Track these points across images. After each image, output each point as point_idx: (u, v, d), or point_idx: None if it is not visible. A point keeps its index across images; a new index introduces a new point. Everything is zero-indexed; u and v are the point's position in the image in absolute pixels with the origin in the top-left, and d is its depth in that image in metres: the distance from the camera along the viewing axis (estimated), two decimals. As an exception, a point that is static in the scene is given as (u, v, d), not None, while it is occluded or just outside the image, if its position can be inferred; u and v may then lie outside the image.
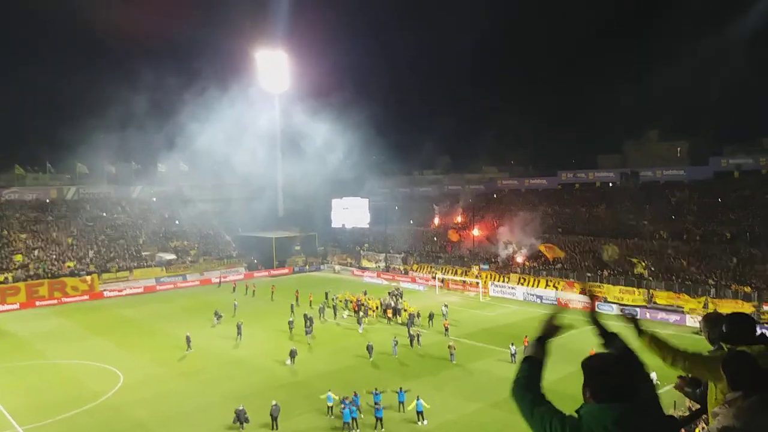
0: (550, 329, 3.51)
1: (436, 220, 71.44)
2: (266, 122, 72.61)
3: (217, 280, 61.73)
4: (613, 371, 3.04)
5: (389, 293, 48.19)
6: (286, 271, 68.98)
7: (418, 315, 41.17)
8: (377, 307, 44.41)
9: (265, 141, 71.39)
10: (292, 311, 42.25)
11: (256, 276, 65.24)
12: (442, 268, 59.46)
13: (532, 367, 3.28)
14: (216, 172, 73.86)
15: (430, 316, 41.06)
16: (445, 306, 43.90)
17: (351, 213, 71.94)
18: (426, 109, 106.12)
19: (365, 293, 48.46)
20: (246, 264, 67.60)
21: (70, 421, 25.14)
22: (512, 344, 32.97)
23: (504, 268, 54.81)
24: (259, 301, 51.61)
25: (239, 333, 38.04)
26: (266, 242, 70.12)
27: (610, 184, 65.08)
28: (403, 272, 63.10)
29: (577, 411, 3.05)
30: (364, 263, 69.00)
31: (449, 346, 33.23)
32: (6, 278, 51.77)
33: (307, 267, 70.38)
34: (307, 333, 37.10)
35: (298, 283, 60.33)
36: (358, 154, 73.76)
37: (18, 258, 55.30)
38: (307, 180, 69.41)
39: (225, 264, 66.00)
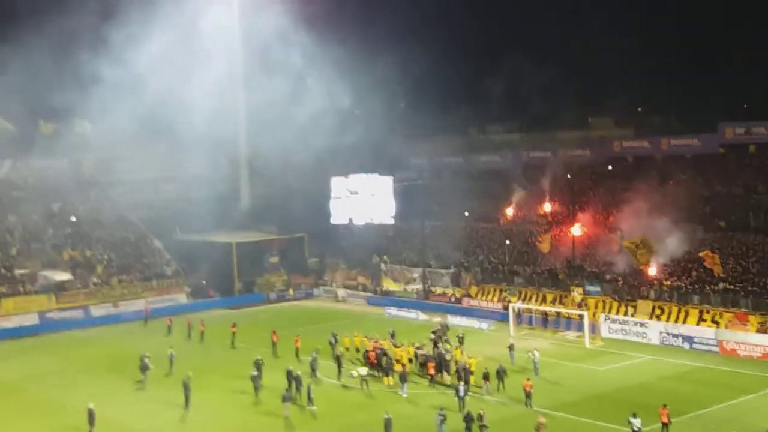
0: None
1: (510, 211, 71.17)
2: (217, 46, 72.63)
3: (143, 314, 62.22)
4: None
5: (433, 332, 48.19)
6: (256, 298, 69.02)
7: (470, 371, 40.98)
8: (410, 360, 44.51)
9: (217, 80, 71.55)
10: (257, 369, 42.21)
11: (207, 307, 65.35)
12: (520, 292, 59.18)
13: None
14: (137, 134, 73.94)
15: (500, 374, 41.04)
16: (535, 353, 44.11)
17: (363, 200, 71.74)
18: (492, 20, 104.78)
19: (393, 335, 48.59)
20: (189, 288, 68.07)
21: None
22: (634, 416, 33.01)
23: (627, 289, 54.18)
24: (213, 349, 51.58)
25: (186, 399, 38.38)
26: (222, 252, 70.40)
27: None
28: (453, 299, 62.96)
29: None
30: (388, 285, 68.99)
31: (538, 426, 33.10)
32: None
33: (292, 292, 70.74)
34: (285, 401, 37.39)
35: (276, 319, 60.11)
36: (375, 98, 73.55)
37: None
38: (290, 145, 69.48)
39: (154, 288, 66.68)
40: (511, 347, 46.06)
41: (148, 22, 66.66)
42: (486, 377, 40.69)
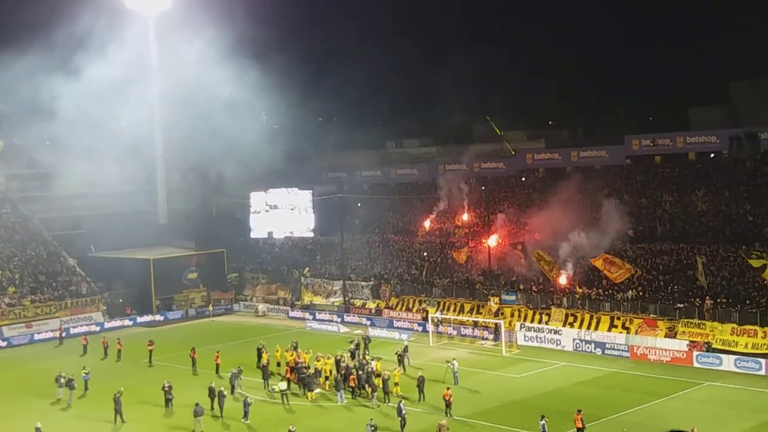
0: None
1: (427, 223, 71.58)
2: (135, 63, 71.76)
3: (57, 335, 60.86)
4: None
5: (350, 342, 48.56)
6: (175, 315, 68.35)
7: (395, 383, 41.61)
8: (331, 372, 44.26)
9: (134, 95, 70.84)
10: (168, 394, 41.57)
11: (123, 325, 64.71)
12: (439, 302, 59.43)
13: None
14: (51, 151, 73.25)
15: (420, 384, 41.29)
16: (453, 363, 44.34)
17: (283, 214, 71.29)
18: (407, 34, 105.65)
19: (295, 347, 47.85)
20: (105, 306, 66.88)
21: None
22: (544, 417, 33.58)
23: (540, 298, 54.95)
24: (129, 368, 50.85)
25: (117, 412, 38.57)
26: (139, 268, 69.51)
27: (712, 155, 65.80)
28: (373, 311, 63.04)
29: None
30: (308, 298, 68.72)
31: (439, 428, 33.60)
32: None
33: (211, 308, 70.13)
34: (197, 415, 37.11)
35: (195, 336, 59.47)
36: (294, 114, 73.41)
37: None
38: (208, 160, 68.78)
39: (69, 307, 65.09)
40: (405, 350, 46.76)
41: (63, 39, 66.10)
42: (419, 385, 40.96)
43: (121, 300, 68.40)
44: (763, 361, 43.90)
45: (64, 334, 60.66)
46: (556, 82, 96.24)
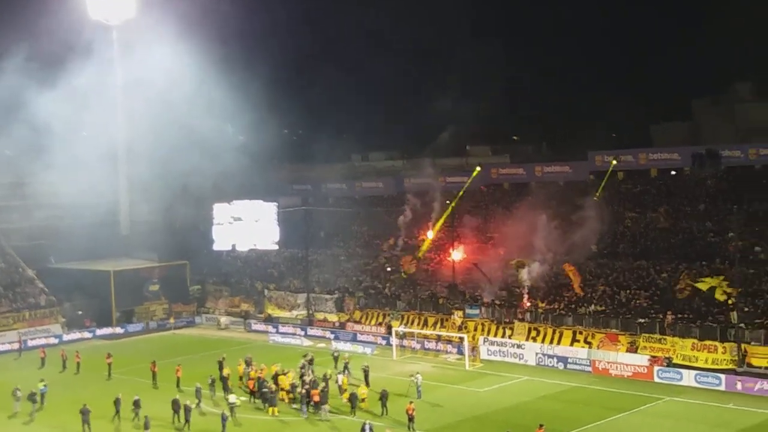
0: None
1: (392, 236, 71.48)
2: (98, 72, 71.10)
3: (15, 347, 60.01)
4: None
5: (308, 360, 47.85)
6: (135, 328, 67.72)
7: (360, 399, 41.55)
8: (293, 387, 43.78)
9: (94, 103, 70.13)
10: (116, 411, 40.96)
11: (83, 338, 63.95)
12: (402, 316, 59.37)
13: None
14: (10, 161, 72.28)
15: (383, 398, 41.16)
16: (417, 376, 44.38)
17: (247, 227, 70.57)
18: (373, 48, 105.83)
19: (248, 362, 47.48)
20: (65, 318, 66.11)
21: None
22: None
23: (504, 312, 55.15)
24: (87, 380, 50.20)
25: (85, 422, 38.34)
26: (100, 280, 68.80)
27: (673, 172, 66.56)
28: (337, 324, 62.85)
29: None
30: (272, 311, 68.31)
31: None
32: None
33: (172, 321, 69.45)
34: (146, 428, 37.13)
35: (157, 349, 58.78)
36: (257, 124, 73.02)
37: None
38: (171, 171, 68.24)
39: (27, 318, 64.39)
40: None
41: (25, 48, 66.18)
42: (382, 400, 40.93)
43: (80, 312, 67.54)
44: (723, 376, 44.29)
45: (22, 346, 59.77)
46: (521, 98, 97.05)
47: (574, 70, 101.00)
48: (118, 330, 66.79)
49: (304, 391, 42.16)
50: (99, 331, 65.82)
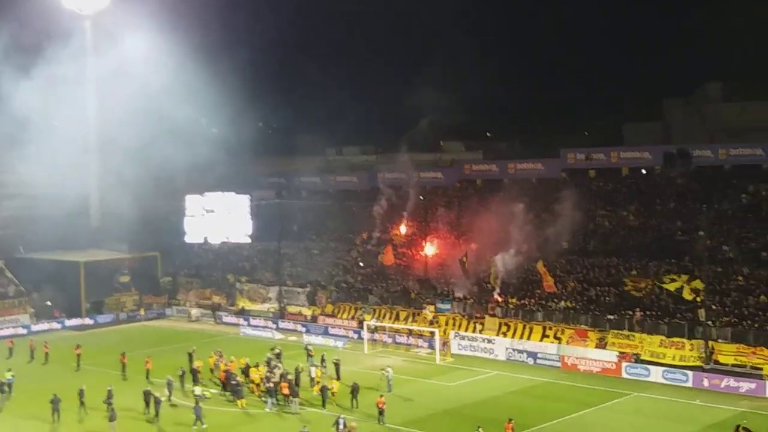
0: None
1: (365, 230, 71.47)
2: (71, 62, 70.37)
3: (-17, 338, 59.24)
4: None
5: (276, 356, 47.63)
6: (105, 319, 67.35)
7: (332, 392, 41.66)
8: (262, 380, 43.66)
9: (67, 93, 69.38)
10: (81, 402, 40.91)
11: (51, 328, 63.48)
12: (374, 310, 59.38)
13: None
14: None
15: (354, 391, 41.24)
16: (388, 370, 44.45)
17: (219, 219, 70.49)
18: (349, 43, 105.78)
19: (220, 355, 47.37)
20: (33, 308, 65.75)
21: None
22: (479, 428, 33.76)
23: (476, 306, 55.34)
24: (56, 371, 49.90)
25: (55, 410, 38.40)
26: (70, 271, 68.36)
27: (644, 171, 67.03)
28: (309, 318, 62.83)
29: None
30: (243, 304, 68.07)
31: (350, 429, 34.09)
32: None
33: (143, 312, 69.14)
34: (111, 420, 37.37)
35: (126, 340, 58.53)
36: (231, 116, 72.76)
37: None
38: (142, 162, 67.75)
39: (-5, 309, 63.67)
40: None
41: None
42: (352, 393, 41.02)
43: (49, 303, 67.11)
44: (690, 373, 44.81)
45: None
46: (495, 95, 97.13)
47: (548, 70, 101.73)
48: (88, 321, 66.44)
49: (271, 384, 42.11)
50: (68, 322, 65.53)
